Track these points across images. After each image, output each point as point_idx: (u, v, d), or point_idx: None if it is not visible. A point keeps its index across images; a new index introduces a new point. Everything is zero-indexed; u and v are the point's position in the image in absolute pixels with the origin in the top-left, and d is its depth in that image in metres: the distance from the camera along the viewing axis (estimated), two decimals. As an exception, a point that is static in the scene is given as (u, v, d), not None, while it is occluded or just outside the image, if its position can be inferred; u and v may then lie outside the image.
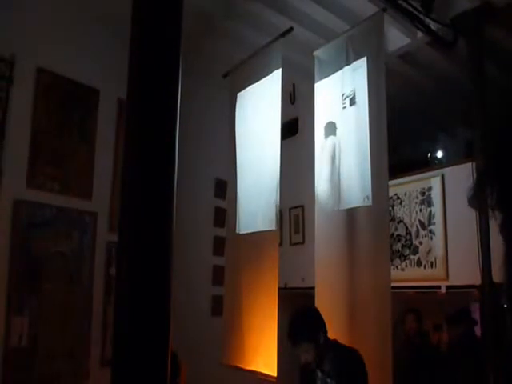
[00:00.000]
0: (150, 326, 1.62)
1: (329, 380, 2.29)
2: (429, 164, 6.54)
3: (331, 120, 3.58)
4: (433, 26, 4.06)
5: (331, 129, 3.58)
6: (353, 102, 3.36)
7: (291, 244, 5.16)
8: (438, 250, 4.11)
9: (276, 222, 3.42)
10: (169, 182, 1.75)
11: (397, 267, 4.33)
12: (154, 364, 1.61)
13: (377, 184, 3.09)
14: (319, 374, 2.34)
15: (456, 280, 3.94)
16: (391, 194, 4.21)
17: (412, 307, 4.37)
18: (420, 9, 3.89)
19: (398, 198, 4.48)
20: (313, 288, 3.43)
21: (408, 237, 4.38)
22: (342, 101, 3.47)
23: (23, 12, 3.47)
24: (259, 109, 3.77)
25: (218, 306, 4.30)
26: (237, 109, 4.08)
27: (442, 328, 4.26)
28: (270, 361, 3.12)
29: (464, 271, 3.85)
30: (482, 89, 3.99)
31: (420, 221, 4.31)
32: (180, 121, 1.79)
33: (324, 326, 2.35)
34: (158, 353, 1.63)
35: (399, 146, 5.05)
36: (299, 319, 2.37)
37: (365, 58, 3.29)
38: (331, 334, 2.39)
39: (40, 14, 3.59)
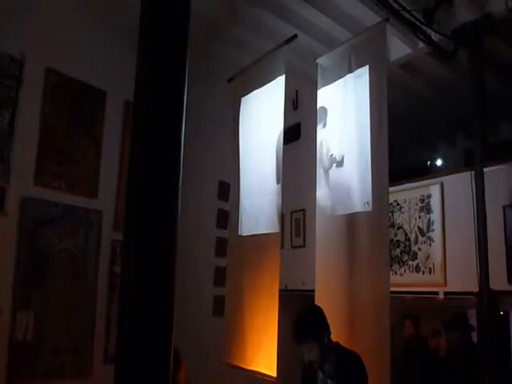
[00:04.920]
0: (153, 324, 1.65)
1: (329, 381, 2.31)
2: (428, 172, 6.61)
3: (333, 126, 3.64)
4: (434, 36, 4.15)
5: (333, 135, 3.63)
6: (354, 108, 3.42)
7: (292, 247, 5.21)
8: (437, 257, 4.15)
9: (278, 224, 3.47)
10: (174, 182, 1.79)
11: (396, 272, 4.37)
12: (156, 361, 1.65)
13: (377, 190, 3.12)
14: (320, 374, 2.36)
15: (454, 286, 3.98)
16: (391, 200, 4.27)
17: (410, 313, 4.42)
18: (422, 20, 3.98)
19: (398, 204, 4.54)
20: (313, 291, 3.46)
21: (407, 243, 4.42)
22: (344, 108, 3.53)
23: (33, 13, 3.54)
24: (262, 113, 3.83)
25: (219, 306, 4.34)
26: (241, 113, 4.14)
27: (439, 333, 4.29)
28: (271, 361, 3.15)
29: (462, 278, 3.90)
30: (482, 99, 4.07)
31: (419, 227, 4.36)
32: (185, 123, 1.84)
33: (328, 326, 2.37)
34: (160, 350, 1.66)
35: (399, 153, 5.11)
36: (305, 317, 2.38)
37: (367, 67, 3.34)
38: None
39: (49, 16, 3.66)
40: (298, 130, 5.40)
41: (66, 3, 3.76)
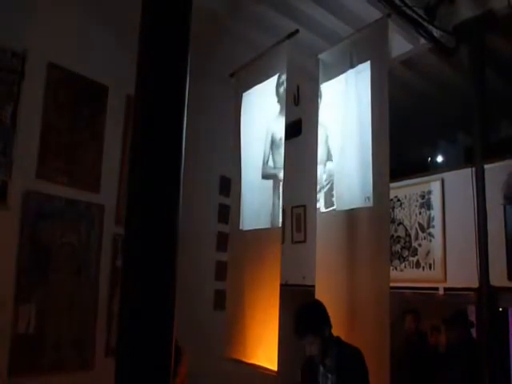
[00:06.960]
0: (154, 318, 1.67)
1: (330, 375, 2.32)
2: (429, 168, 6.61)
3: (334, 122, 3.65)
4: (435, 32, 4.15)
5: (334, 130, 3.64)
6: (356, 104, 3.42)
7: (293, 242, 5.22)
8: (437, 253, 4.16)
9: (278, 219, 3.48)
10: (175, 177, 1.80)
11: (396, 268, 4.39)
12: (157, 355, 1.66)
13: (378, 186, 3.13)
14: (321, 368, 2.37)
15: (454, 282, 3.99)
16: (392, 196, 4.27)
17: (412, 308, 4.44)
18: (423, 16, 3.98)
19: (399, 200, 4.55)
20: (313, 286, 3.48)
21: (407, 239, 4.44)
22: (345, 103, 3.54)
23: (36, 8, 3.54)
24: (264, 108, 3.84)
25: (220, 301, 4.39)
26: (242, 108, 4.16)
27: (439, 329, 4.31)
28: (271, 355, 3.17)
29: (462, 274, 3.91)
30: (483, 95, 4.08)
31: (419, 223, 4.37)
32: (186, 118, 1.85)
33: (329, 320, 2.38)
34: (161, 344, 1.67)
35: (400, 149, 5.12)
36: (306, 312, 2.39)
37: (368, 62, 3.35)
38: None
39: (52, 11, 3.66)
40: (300, 126, 5.41)
41: (67, -2, 3.76)
